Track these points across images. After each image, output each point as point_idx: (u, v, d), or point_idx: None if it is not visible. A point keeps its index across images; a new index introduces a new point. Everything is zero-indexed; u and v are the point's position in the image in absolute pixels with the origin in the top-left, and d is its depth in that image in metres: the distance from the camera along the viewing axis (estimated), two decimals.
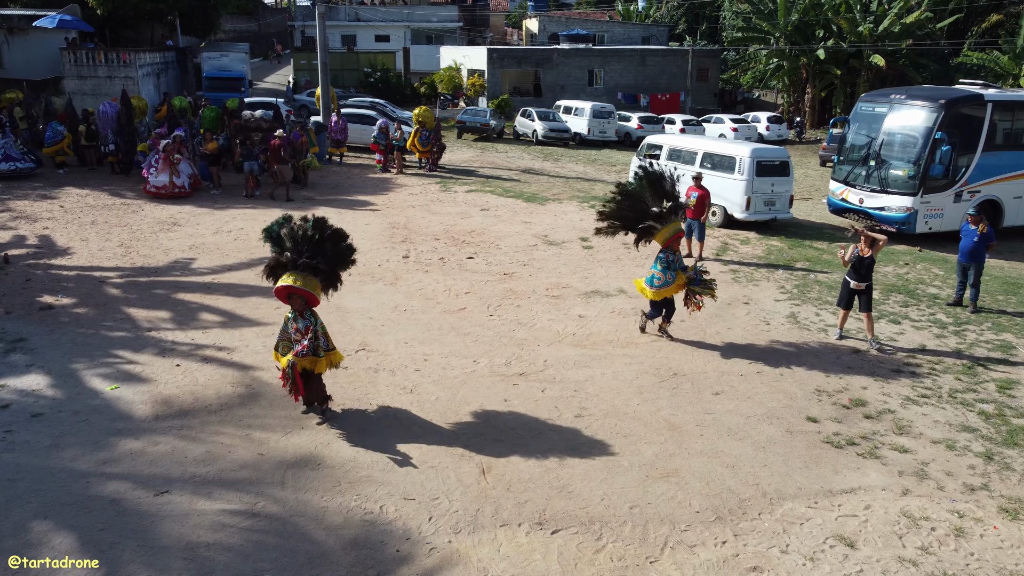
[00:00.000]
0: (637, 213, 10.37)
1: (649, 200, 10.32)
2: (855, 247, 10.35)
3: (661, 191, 10.28)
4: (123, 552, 5.93)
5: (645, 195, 10.33)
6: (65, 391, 8.52)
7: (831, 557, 6.14)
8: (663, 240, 10.14)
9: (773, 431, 8.15)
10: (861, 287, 10.36)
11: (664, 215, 10.21)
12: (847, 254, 10.33)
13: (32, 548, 5.91)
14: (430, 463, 7.33)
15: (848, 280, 10.47)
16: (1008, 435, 8.19)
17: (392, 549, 6.10)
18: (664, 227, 10.13)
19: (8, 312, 10.77)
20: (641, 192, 10.34)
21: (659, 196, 10.28)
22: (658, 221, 10.20)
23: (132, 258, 13.51)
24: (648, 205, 10.32)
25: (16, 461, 7.13)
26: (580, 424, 8.16)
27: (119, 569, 5.72)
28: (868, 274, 10.32)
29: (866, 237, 10.29)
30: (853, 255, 10.27)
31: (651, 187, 10.28)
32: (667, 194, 10.27)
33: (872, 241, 10.22)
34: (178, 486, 6.82)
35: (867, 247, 10.20)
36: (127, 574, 5.68)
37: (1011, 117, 17.14)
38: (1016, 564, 6.12)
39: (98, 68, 28.58)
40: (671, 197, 10.30)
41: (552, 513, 6.61)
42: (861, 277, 10.30)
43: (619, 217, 10.48)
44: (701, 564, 6.04)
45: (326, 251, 7.99)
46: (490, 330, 10.74)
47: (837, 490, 7.11)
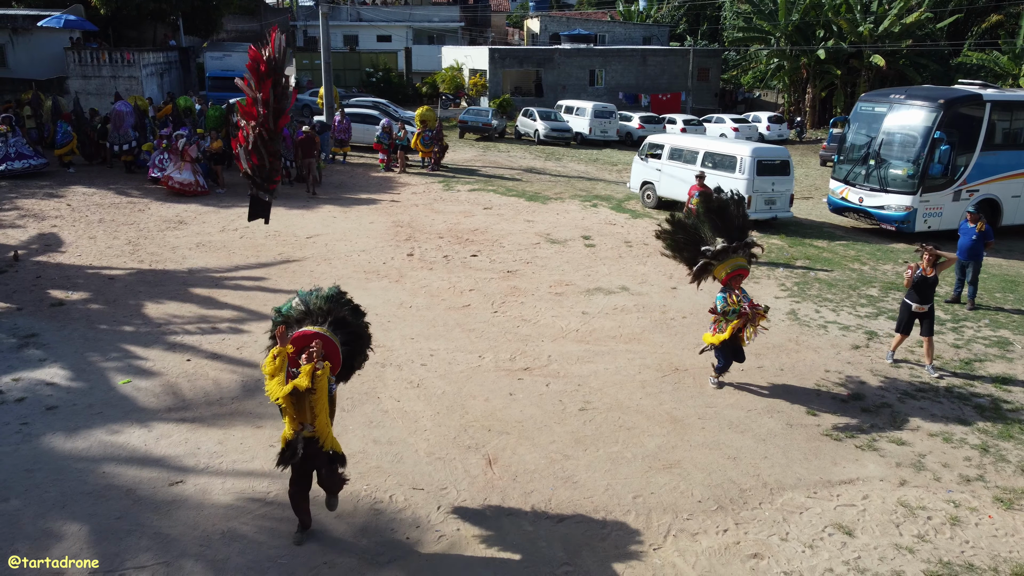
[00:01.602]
0: (693, 246, 9.09)
1: (708, 233, 9.00)
2: (917, 267, 9.52)
3: (723, 223, 8.95)
4: (140, 539, 6.09)
5: (703, 227, 9.04)
6: (79, 385, 8.69)
7: (830, 545, 6.30)
8: (720, 277, 8.97)
9: (773, 424, 8.31)
10: (923, 310, 9.56)
11: (722, 252, 8.83)
12: (907, 278, 9.48)
13: (51, 537, 6.08)
14: (438, 455, 7.49)
15: (909, 303, 9.64)
16: (1003, 428, 8.35)
17: (402, 536, 6.26)
18: (722, 263, 8.88)
19: (20, 308, 10.93)
20: (698, 224, 9.09)
21: (720, 229, 8.94)
22: (716, 258, 8.86)
23: (140, 256, 13.67)
24: (705, 240, 8.99)
25: (33, 453, 7.29)
26: (584, 417, 8.32)
27: (136, 556, 5.89)
28: (931, 295, 9.56)
29: (930, 255, 9.50)
30: (916, 275, 9.43)
31: (711, 218, 8.98)
32: (730, 227, 8.94)
33: (935, 259, 9.48)
34: (192, 476, 6.98)
35: (930, 267, 9.45)
36: (143, 562, 5.84)
37: (1009, 117, 17.28)
38: (1010, 551, 6.28)
39: (102, 68, 28.79)
40: (735, 231, 8.92)
41: (557, 502, 6.77)
42: (924, 299, 9.51)
43: (676, 248, 9.36)
44: (703, 551, 6.20)
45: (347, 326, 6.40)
46: (494, 326, 10.90)
47: (836, 481, 7.27)
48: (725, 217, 8.97)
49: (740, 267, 8.91)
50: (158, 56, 33.09)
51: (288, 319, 6.24)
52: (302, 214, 17.33)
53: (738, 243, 8.85)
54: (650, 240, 16.17)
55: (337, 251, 14.37)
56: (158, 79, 32.29)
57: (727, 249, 8.80)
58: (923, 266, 9.47)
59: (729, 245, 8.80)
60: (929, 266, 9.45)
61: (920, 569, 6.02)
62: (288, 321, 6.22)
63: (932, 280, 9.49)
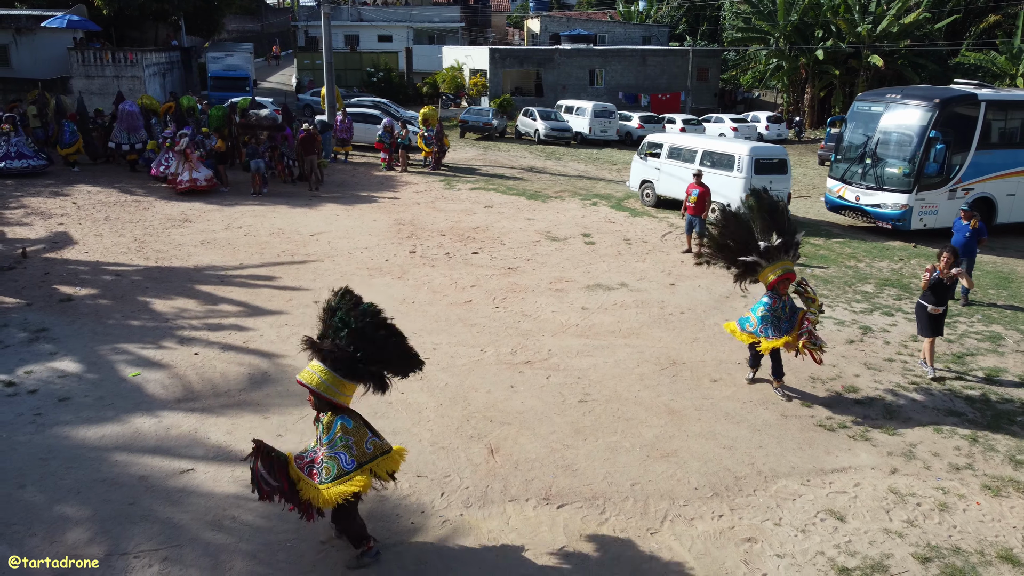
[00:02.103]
0: (741, 243, 8.86)
1: (758, 231, 8.82)
2: (934, 268, 9.43)
3: (774, 222, 8.80)
4: (152, 525, 6.28)
5: (754, 223, 8.86)
6: (89, 377, 8.88)
7: (821, 529, 6.50)
8: (768, 280, 8.73)
9: (768, 415, 8.51)
10: (939, 311, 9.50)
11: (773, 251, 8.68)
12: (924, 280, 9.47)
13: (67, 521, 6.27)
14: (441, 444, 7.69)
15: (925, 304, 9.55)
16: (993, 419, 8.55)
17: (407, 521, 6.46)
18: (770, 264, 8.67)
19: (29, 304, 11.13)
20: (751, 219, 8.91)
21: (770, 228, 8.76)
22: (764, 257, 8.70)
23: (146, 252, 13.87)
24: (756, 236, 8.81)
25: (47, 442, 7.48)
26: (583, 409, 8.51)
27: (148, 540, 6.08)
28: (946, 298, 9.52)
29: (947, 257, 9.36)
30: (933, 277, 9.37)
31: (763, 216, 8.83)
32: (780, 227, 8.79)
33: (952, 262, 9.36)
34: (202, 464, 7.18)
35: (947, 269, 9.33)
36: (155, 546, 6.03)
37: (1004, 116, 17.49)
38: (996, 536, 6.47)
39: (105, 68, 29.02)
40: (785, 232, 8.78)
41: (558, 489, 6.97)
42: (940, 300, 9.46)
43: (721, 246, 9.08)
44: (699, 535, 6.40)
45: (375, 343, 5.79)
46: (496, 321, 11.10)
47: (828, 469, 7.46)
48: (775, 216, 8.81)
49: (789, 271, 8.70)
50: (160, 56, 33.32)
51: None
52: (305, 212, 17.53)
53: (790, 242, 8.72)
54: (649, 238, 16.41)
55: (340, 248, 14.57)
56: (160, 79, 32.51)
57: (779, 248, 8.65)
58: (940, 268, 9.37)
59: (781, 243, 8.64)
60: (946, 268, 9.33)
61: (908, 552, 6.22)
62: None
63: (949, 281, 9.42)
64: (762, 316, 8.74)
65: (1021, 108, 17.73)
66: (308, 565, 5.88)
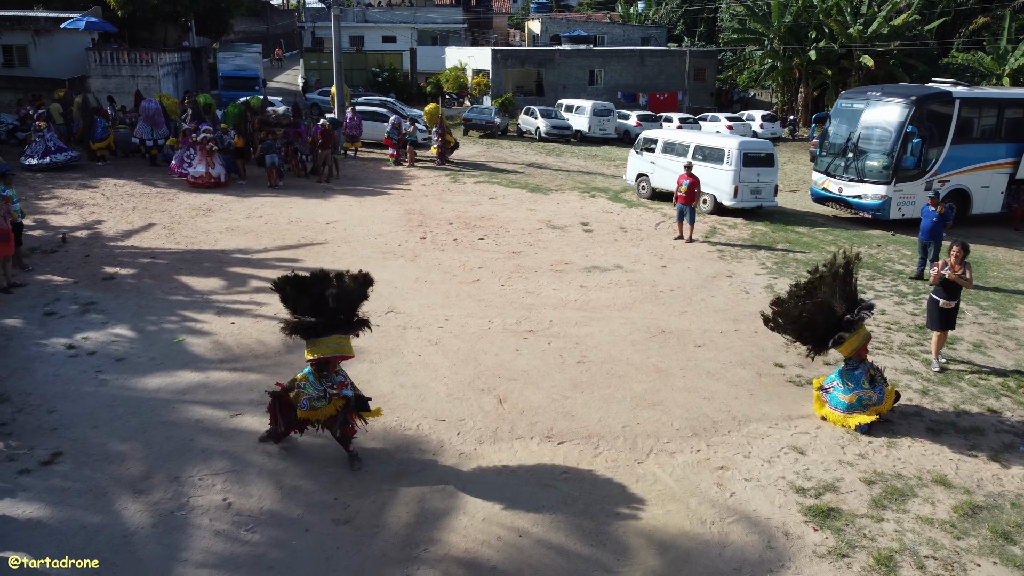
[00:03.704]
0: (824, 320, 8.22)
1: (838, 304, 8.16)
2: (944, 263, 9.61)
3: (846, 290, 8.27)
4: (211, 455, 7.37)
5: (835, 297, 8.18)
6: (139, 341, 9.97)
7: (784, 460, 7.59)
8: (851, 351, 8.23)
9: (745, 373, 9.59)
10: (951, 305, 9.63)
11: (853, 321, 8.19)
12: (934, 274, 9.67)
13: (137, 453, 7.35)
14: (455, 395, 8.77)
15: (936, 299, 9.69)
16: (944, 377, 9.63)
17: (429, 454, 7.54)
18: (853, 334, 8.18)
19: (76, 281, 12.20)
20: (831, 292, 8.18)
21: (845, 296, 8.22)
22: (848, 329, 8.18)
23: (176, 238, 14.95)
24: (838, 310, 8.16)
25: (110, 393, 8.57)
26: (581, 368, 9.59)
27: (210, 466, 7.16)
28: (958, 292, 9.66)
29: (958, 251, 9.49)
30: (942, 271, 9.52)
31: (839, 284, 8.21)
32: (852, 294, 8.34)
33: (963, 256, 9.49)
34: (249, 409, 8.26)
35: (958, 264, 9.45)
36: (218, 470, 7.12)
37: (978, 113, 18.55)
38: (934, 466, 7.55)
39: (122, 67, 30.10)
40: (854, 298, 8.35)
41: (558, 430, 8.05)
42: (951, 295, 9.61)
43: (798, 322, 8.36)
44: (679, 465, 7.48)
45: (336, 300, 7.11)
46: (502, 297, 12.17)
47: (795, 416, 8.55)
48: (848, 284, 8.30)
49: (868, 337, 8.38)
50: (173, 56, 34.40)
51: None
52: (320, 203, 18.61)
53: (867, 309, 8.34)
54: (644, 226, 17.49)
55: (355, 235, 15.65)
56: (173, 78, 33.59)
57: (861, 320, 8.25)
58: (951, 263, 9.50)
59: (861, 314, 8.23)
60: (957, 263, 9.44)
61: (857, 477, 7.30)
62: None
63: (952, 277, 9.50)
64: (848, 390, 8.26)
65: (994, 105, 18.79)
66: (348, 484, 6.96)
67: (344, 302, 7.13)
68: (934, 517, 6.72)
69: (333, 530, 6.33)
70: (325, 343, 7.09)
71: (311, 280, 7.06)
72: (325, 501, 6.72)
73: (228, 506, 6.59)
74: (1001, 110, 18.70)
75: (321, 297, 7.03)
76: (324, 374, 7.21)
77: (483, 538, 6.27)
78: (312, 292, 7.03)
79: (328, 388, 7.19)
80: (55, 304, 11.14)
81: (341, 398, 7.22)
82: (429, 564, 5.95)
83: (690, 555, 6.17)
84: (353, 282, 7.16)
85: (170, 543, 6.08)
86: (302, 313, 7.09)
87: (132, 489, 6.78)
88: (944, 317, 9.77)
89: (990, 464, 7.64)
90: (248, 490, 6.84)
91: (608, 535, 6.37)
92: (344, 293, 7.10)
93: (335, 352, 7.15)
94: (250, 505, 6.63)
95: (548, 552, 6.14)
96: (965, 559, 6.18)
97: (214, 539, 6.16)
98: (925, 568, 6.06)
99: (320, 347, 7.09)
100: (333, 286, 7.08)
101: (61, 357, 9.38)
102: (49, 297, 11.40)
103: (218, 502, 6.63)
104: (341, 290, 7.09)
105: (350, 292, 7.15)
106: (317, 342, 7.10)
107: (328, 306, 7.04)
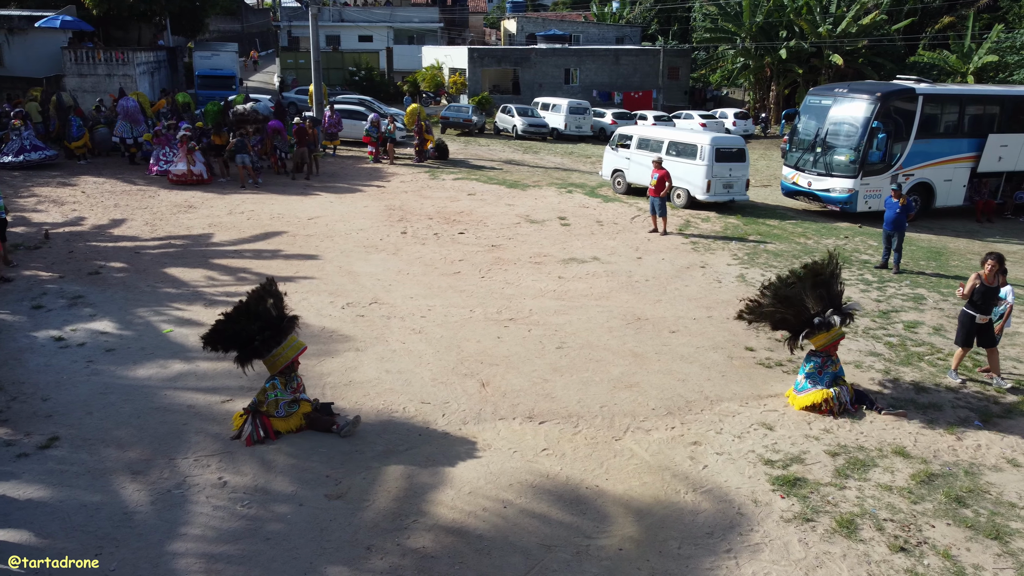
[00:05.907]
0: (796, 317, 8.75)
1: (810, 303, 8.62)
2: (976, 276, 9.14)
3: (825, 292, 8.63)
4: (204, 439, 7.62)
5: (806, 298, 8.63)
6: (129, 333, 10.17)
7: (754, 435, 8.00)
8: (821, 345, 8.64)
9: (717, 357, 10.01)
10: (986, 320, 9.22)
11: (823, 323, 8.57)
12: (967, 286, 9.19)
13: (131, 439, 7.58)
14: (440, 380, 9.08)
15: (972, 314, 9.21)
16: (905, 358, 10.13)
17: (415, 434, 7.85)
18: (826, 332, 8.57)
19: (62, 276, 12.35)
20: (801, 294, 8.63)
21: (826, 300, 8.62)
22: (820, 328, 8.58)
23: (159, 234, 15.11)
24: (809, 308, 8.63)
25: (103, 381, 8.78)
26: (560, 353, 9.95)
27: (203, 448, 7.42)
28: (991, 307, 9.22)
29: (992, 264, 9.07)
30: (979, 286, 9.08)
31: (814, 287, 8.60)
32: (831, 296, 8.67)
33: (998, 269, 9.09)
34: (239, 395, 8.51)
35: (992, 276, 9.09)
36: (210, 452, 7.38)
37: (941, 108, 19.20)
38: (894, 439, 8.00)
39: (97, 67, 29.99)
40: (835, 301, 8.70)
41: (539, 411, 8.40)
42: (986, 309, 9.18)
43: (770, 318, 8.97)
44: (654, 441, 7.86)
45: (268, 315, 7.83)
46: (482, 288, 12.50)
47: (764, 395, 8.98)
48: (831, 289, 8.69)
49: (841, 335, 8.76)
50: (149, 55, 34.30)
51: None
52: (300, 200, 18.82)
53: (847, 315, 8.75)
54: (620, 220, 17.91)
55: (337, 230, 15.90)
56: (149, 77, 33.51)
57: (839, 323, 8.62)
58: (985, 275, 9.10)
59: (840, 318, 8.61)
60: (992, 275, 9.09)
61: (822, 449, 7.73)
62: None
63: (995, 290, 9.21)
64: (808, 375, 8.72)
65: (956, 101, 19.45)
66: (338, 462, 7.26)
67: (279, 305, 7.86)
68: (893, 484, 7.16)
69: (326, 504, 6.62)
70: (281, 351, 7.76)
71: (251, 302, 7.73)
72: (317, 478, 7.01)
73: (224, 484, 6.86)
74: (963, 106, 19.36)
75: (265, 312, 7.72)
76: (291, 375, 7.87)
77: (470, 509, 6.60)
78: (257, 311, 7.70)
79: (294, 390, 7.86)
80: (42, 298, 11.29)
81: (307, 402, 7.91)
82: (419, 533, 6.27)
83: (665, 521, 6.55)
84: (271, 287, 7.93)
85: (169, 519, 6.34)
86: (251, 339, 7.67)
87: (129, 470, 7.02)
88: (977, 333, 9.29)
89: (946, 436, 8.11)
90: (242, 469, 7.11)
91: (588, 504, 6.73)
92: (277, 297, 7.86)
93: (295, 352, 7.83)
94: (245, 483, 6.90)
95: (531, 520, 6.48)
96: (921, 521, 6.62)
97: (212, 514, 6.43)
98: (884, 530, 6.49)
99: (280, 357, 7.75)
100: (271, 296, 7.80)
101: (52, 348, 9.56)
102: (36, 291, 11.55)
103: (214, 480, 6.90)
104: (275, 296, 7.83)
105: (278, 296, 7.90)
106: (275, 354, 7.74)
107: (272, 316, 7.75)
